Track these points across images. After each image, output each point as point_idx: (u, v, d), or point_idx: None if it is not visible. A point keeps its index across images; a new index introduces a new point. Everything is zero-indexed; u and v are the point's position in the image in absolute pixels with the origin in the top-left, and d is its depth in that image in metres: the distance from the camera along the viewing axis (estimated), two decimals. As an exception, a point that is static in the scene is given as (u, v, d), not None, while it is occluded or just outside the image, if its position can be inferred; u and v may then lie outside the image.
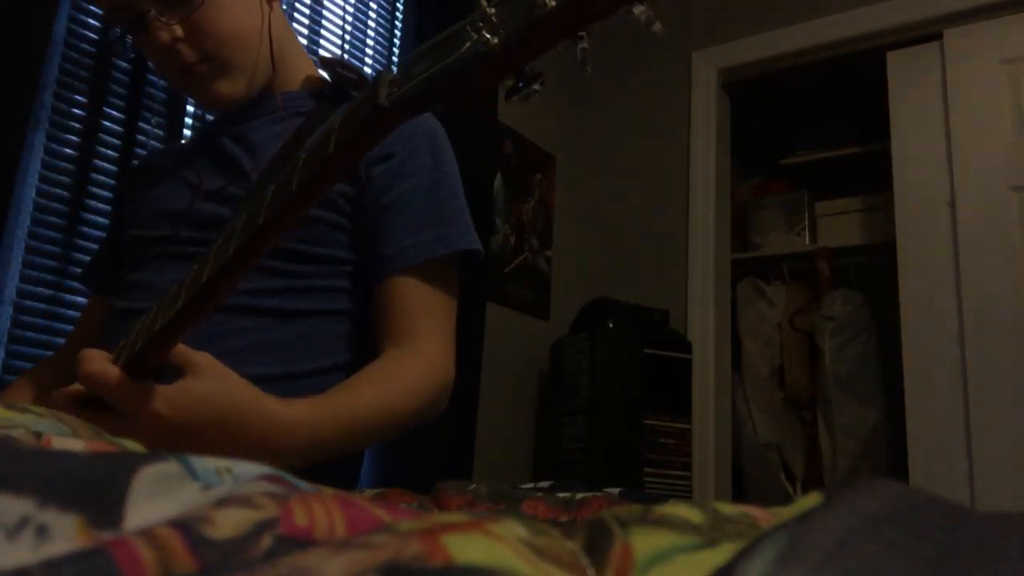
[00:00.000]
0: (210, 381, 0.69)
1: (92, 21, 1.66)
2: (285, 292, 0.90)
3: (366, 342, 0.95)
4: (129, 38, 0.99)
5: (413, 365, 0.88)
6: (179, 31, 0.92)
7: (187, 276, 0.63)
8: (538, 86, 0.48)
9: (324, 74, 1.05)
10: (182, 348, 0.68)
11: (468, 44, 0.45)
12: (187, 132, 1.80)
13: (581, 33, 0.46)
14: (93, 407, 0.67)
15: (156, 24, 0.91)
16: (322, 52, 2.12)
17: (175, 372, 0.69)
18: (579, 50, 0.47)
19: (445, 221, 0.94)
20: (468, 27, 0.46)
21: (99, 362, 0.65)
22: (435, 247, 0.93)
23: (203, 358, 0.69)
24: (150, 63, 1.06)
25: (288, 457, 0.72)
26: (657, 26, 0.45)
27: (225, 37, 0.94)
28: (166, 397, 0.67)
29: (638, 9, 0.44)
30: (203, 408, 0.68)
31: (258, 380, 0.73)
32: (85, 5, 1.65)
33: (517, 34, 0.43)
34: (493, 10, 0.44)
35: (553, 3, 0.42)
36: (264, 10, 0.99)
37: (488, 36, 0.44)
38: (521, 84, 0.48)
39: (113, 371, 0.65)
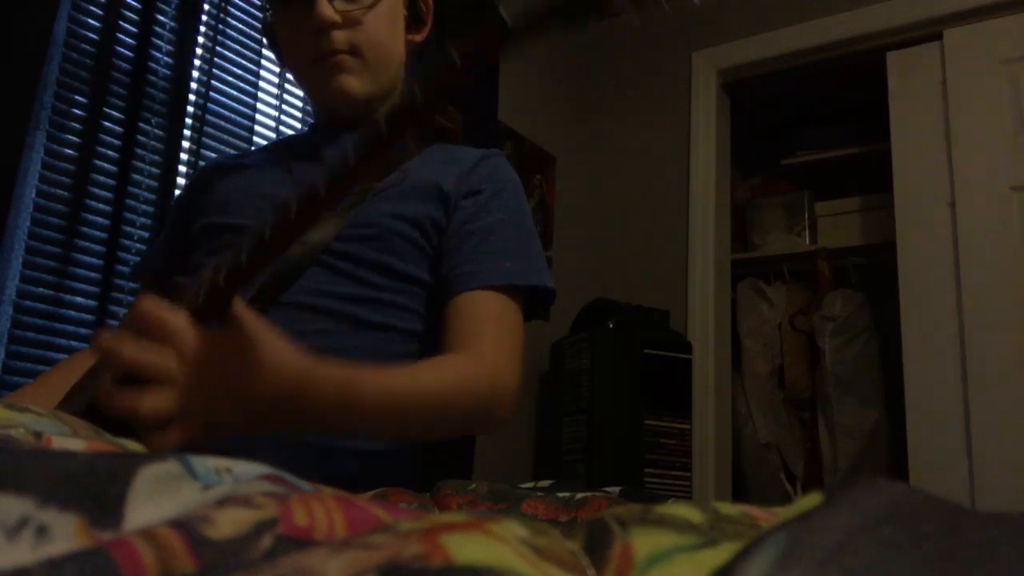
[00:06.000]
0: (253, 331, 0.67)
1: (92, 21, 1.66)
2: (365, 301, 0.92)
3: None
4: (270, 9, 1.03)
5: (468, 363, 0.88)
6: (339, 18, 0.96)
7: (260, 223, 0.65)
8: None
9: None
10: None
11: None
12: (187, 132, 1.80)
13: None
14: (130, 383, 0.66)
15: (325, 2, 0.95)
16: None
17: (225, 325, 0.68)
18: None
19: (526, 256, 0.99)
20: None
21: (163, 306, 0.65)
22: (513, 276, 0.96)
23: (243, 310, 0.67)
24: (275, 41, 1.07)
25: (320, 418, 0.72)
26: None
27: (379, 42, 1.00)
28: (216, 342, 0.65)
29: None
30: (249, 356, 0.66)
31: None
32: (85, 5, 1.65)
33: None
34: None
35: None
36: (405, 41, 1.07)
37: None
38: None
39: (182, 315, 0.65)
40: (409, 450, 1.02)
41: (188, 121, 1.80)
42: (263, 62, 1.93)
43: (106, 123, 1.67)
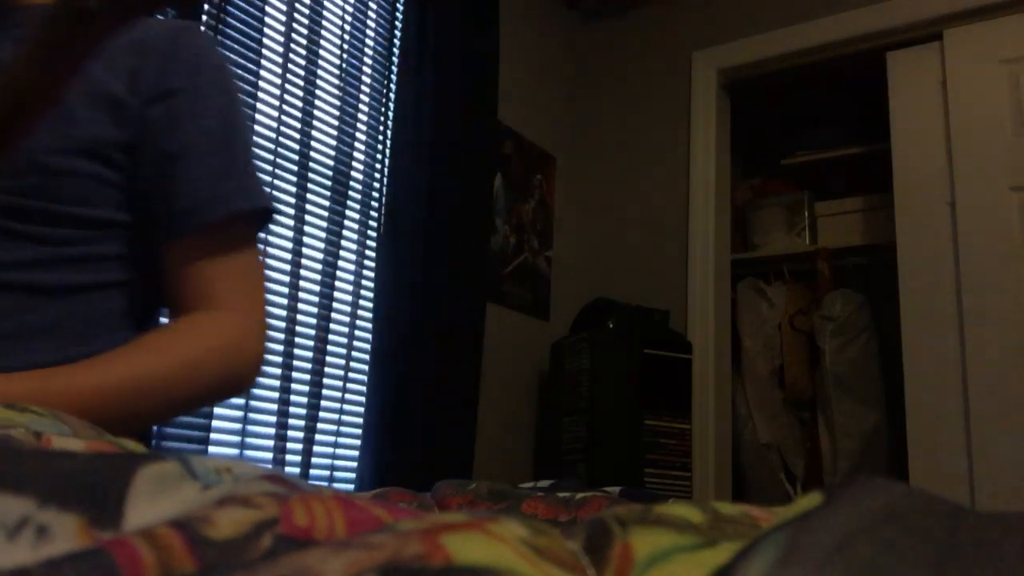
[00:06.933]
0: None
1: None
2: (50, 264, 0.75)
3: (154, 316, 0.85)
4: None
5: (199, 328, 0.76)
6: None
7: None
8: None
9: None
10: None
11: None
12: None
13: None
14: None
15: None
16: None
17: None
18: None
19: (242, 172, 0.81)
20: None
21: None
22: (237, 201, 0.79)
23: None
24: None
25: None
26: None
27: None
28: None
29: None
30: None
31: (27, 370, 0.66)
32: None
33: None
34: None
35: None
36: None
37: None
38: None
39: None
40: None
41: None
42: (263, 62, 1.93)
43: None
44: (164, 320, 0.86)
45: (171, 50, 0.80)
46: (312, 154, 2.04)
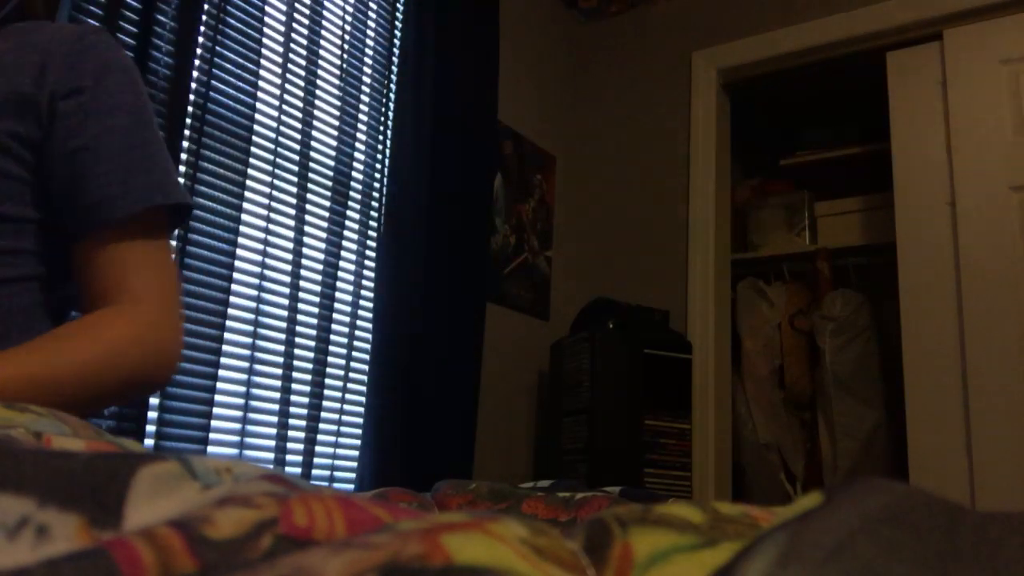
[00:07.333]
0: None
1: (92, 22, 1.66)
2: None
3: (64, 313, 0.84)
4: None
5: (117, 324, 0.75)
6: None
7: None
8: None
9: None
10: None
11: None
12: (187, 132, 1.80)
13: None
14: None
15: None
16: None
17: None
18: None
19: (157, 169, 0.81)
20: None
21: None
22: (151, 196, 0.79)
23: None
24: None
25: None
26: None
27: None
28: None
29: None
30: None
31: None
32: (85, 5, 1.65)
33: None
34: None
35: None
36: None
37: None
38: None
39: None
40: None
41: (188, 121, 1.80)
42: (263, 62, 1.93)
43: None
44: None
45: (78, 49, 0.80)
46: (312, 154, 2.04)
